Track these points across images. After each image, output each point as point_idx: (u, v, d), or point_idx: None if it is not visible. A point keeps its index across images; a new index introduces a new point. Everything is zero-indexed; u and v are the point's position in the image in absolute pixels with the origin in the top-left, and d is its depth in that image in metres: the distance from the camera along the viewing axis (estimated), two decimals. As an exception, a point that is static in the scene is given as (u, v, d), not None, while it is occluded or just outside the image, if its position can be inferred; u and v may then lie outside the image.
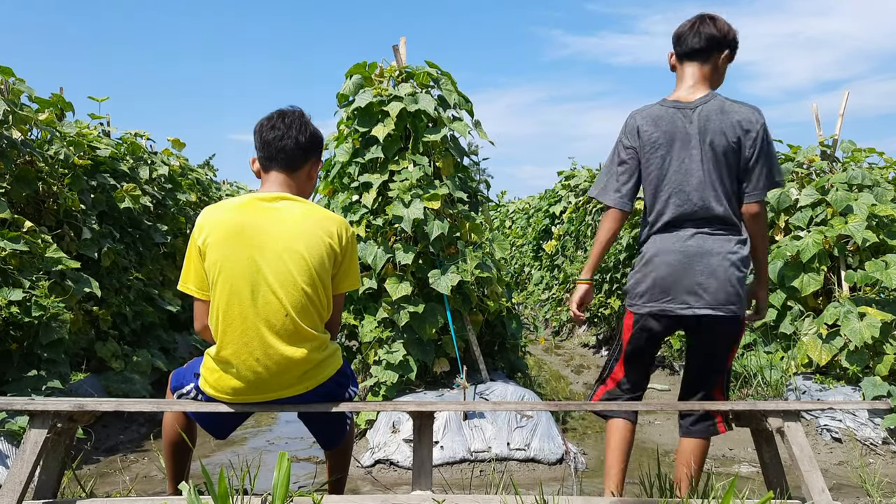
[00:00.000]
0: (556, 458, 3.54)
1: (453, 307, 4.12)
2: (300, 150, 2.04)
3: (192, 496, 1.62)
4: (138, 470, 3.57)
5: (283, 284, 1.89)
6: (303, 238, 1.92)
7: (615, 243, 7.50)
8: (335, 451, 2.30)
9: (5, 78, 4.14)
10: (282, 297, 1.89)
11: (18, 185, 4.09)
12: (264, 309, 1.89)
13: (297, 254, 1.91)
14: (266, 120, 2.07)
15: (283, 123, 2.04)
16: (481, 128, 4.42)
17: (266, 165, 2.05)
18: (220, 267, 1.88)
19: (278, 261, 1.89)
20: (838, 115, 4.98)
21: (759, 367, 4.50)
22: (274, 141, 2.02)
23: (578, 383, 6.07)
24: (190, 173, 7.59)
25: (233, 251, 1.88)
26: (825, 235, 4.47)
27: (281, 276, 1.89)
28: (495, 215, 16.38)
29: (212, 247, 1.89)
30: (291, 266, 1.90)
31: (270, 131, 2.03)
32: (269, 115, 2.08)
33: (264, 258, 1.89)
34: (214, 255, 1.89)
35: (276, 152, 2.02)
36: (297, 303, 1.91)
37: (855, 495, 3.12)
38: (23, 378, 3.59)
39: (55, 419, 1.98)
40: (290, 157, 2.03)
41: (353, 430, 2.36)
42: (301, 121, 2.07)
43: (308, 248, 1.92)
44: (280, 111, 2.09)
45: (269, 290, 1.89)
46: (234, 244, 1.89)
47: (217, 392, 1.99)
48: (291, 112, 2.09)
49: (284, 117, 2.06)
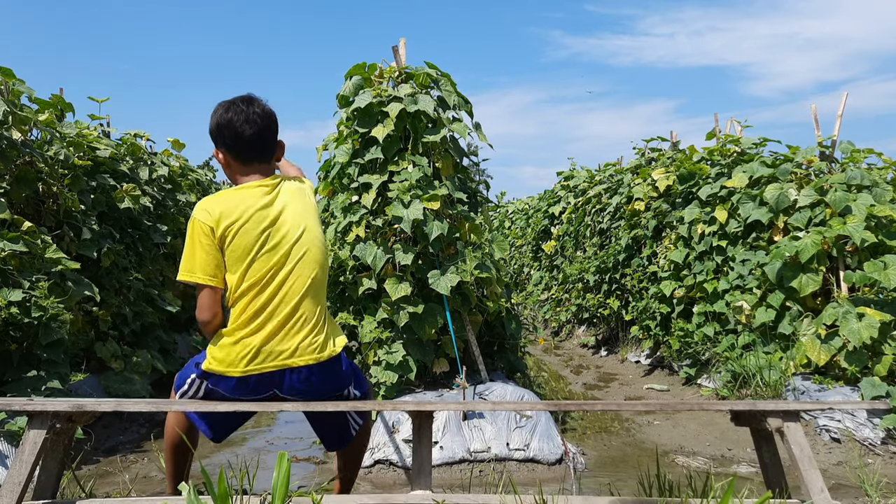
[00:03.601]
0: (555, 458, 3.54)
1: (453, 307, 4.12)
2: (273, 137, 2.13)
3: (192, 496, 1.62)
4: (138, 470, 3.57)
5: (312, 248, 2.06)
6: (303, 200, 2.11)
7: (615, 243, 7.51)
8: (347, 449, 2.29)
9: (5, 79, 4.14)
10: (312, 258, 2.05)
11: (18, 185, 4.09)
12: (301, 274, 2.02)
13: (310, 224, 2.08)
14: (234, 114, 2.03)
15: (258, 116, 2.04)
16: (481, 130, 4.42)
17: (245, 159, 2.08)
18: (251, 249, 1.97)
19: (300, 229, 2.05)
20: (837, 116, 4.99)
21: (758, 367, 4.50)
22: (253, 136, 2.04)
23: (578, 383, 6.07)
24: (190, 174, 7.59)
25: (263, 231, 1.98)
26: (824, 236, 4.47)
27: (309, 242, 2.06)
28: (495, 216, 16.39)
29: (237, 231, 1.96)
30: (311, 225, 2.08)
31: (246, 126, 2.02)
32: (232, 106, 2.04)
33: (292, 231, 2.02)
34: (243, 241, 1.96)
35: (258, 146, 2.07)
36: (321, 261, 2.10)
37: (854, 495, 3.12)
38: (22, 378, 3.59)
39: (54, 419, 1.98)
40: (269, 147, 2.12)
41: (366, 432, 2.35)
42: (268, 109, 2.10)
43: (310, 207, 2.12)
44: (245, 101, 2.06)
45: (301, 260, 2.03)
46: (263, 225, 1.98)
47: (231, 369, 1.98)
48: (256, 101, 2.08)
49: (254, 109, 2.04)
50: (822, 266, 4.52)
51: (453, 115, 4.39)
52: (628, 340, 7.18)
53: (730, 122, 6.55)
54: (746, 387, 4.57)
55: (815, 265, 4.50)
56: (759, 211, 5.12)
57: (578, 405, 2.49)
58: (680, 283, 5.93)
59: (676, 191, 6.38)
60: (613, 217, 8.04)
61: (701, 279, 5.62)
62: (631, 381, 6.11)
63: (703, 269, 5.66)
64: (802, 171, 5.14)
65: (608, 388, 5.92)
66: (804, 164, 5.14)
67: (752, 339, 4.88)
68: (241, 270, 1.96)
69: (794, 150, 5.41)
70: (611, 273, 7.47)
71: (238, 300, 1.99)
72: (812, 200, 4.75)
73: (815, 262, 4.50)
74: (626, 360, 6.96)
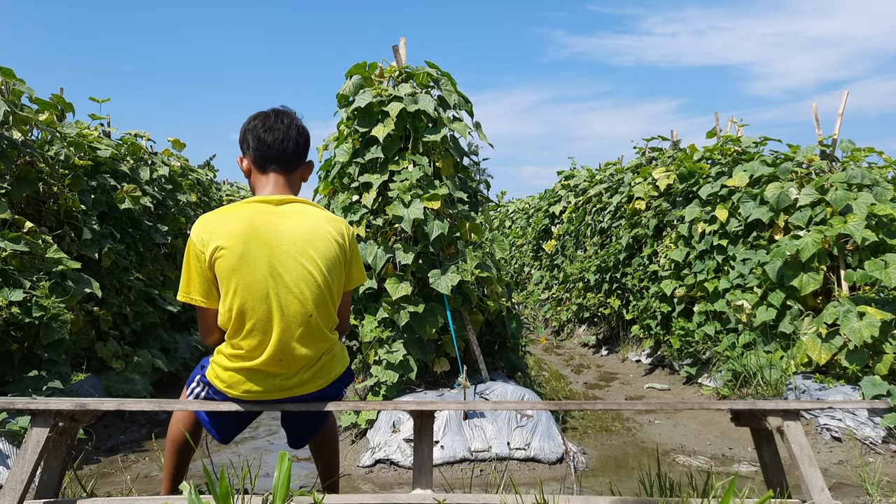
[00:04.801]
0: (556, 457, 3.54)
1: (453, 307, 4.13)
2: (299, 152, 2.04)
3: (193, 496, 1.62)
4: (139, 470, 3.57)
5: (304, 285, 1.90)
6: (315, 238, 1.93)
7: (615, 242, 7.51)
8: (325, 452, 2.29)
9: (6, 79, 4.14)
10: (304, 298, 1.90)
11: (19, 185, 4.10)
12: (287, 311, 1.89)
13: (313, 255, 1.91)
14: (260, 120, 2.02)
15: (283, 125, 2.02)
16: (481, 129, 4.42)
17: (263, 167, 2.02)
18: (238, 273, 1.86)
19: (296, 263, 1.89)
20: (837, 115, 4.99)
21: (759, 366, 4.50)
22: (274, 143, 2.00)
23: (578, 383, 6.07)
24: (190, 174, 7.60)
25: (250, 257, 1.87)
26: (824, 235, 4.47)
27: (301, 278, 1.90)
28: (495, 215, 16.39)
29: (225, 255, 1.86)
30: (310, 267, 1.90)
31: (269, 132, 2.00)
32: (261, 114, 2.04)
33: (282, 262, 1.88)
34: (230, 263, 1.86)
35: (276, 154, 2.00)
36: (318, 302, 1.92)
37: (854, 494, 3.12)
38: (23, 378, 3.60)
39: (57, 418, 1.99)
40: (289, 158, 2.02)
41: (334, 422, 2.35)
42: (297, 122, 2.06)
43: (322, 248, 1.93)
44: (274, 111, 2.06)
45: (290, 292, 1.89)
46: (250, 250, 1.87)
47: (231, 391, 1.98)
48: (286, 113, 2.06)
49: (281, 118, 2.03)
50: (823, 265, 4.52)
51: (454, 114, 4.39)
52: (629, 340, 7.18)
53: (730, 122, 6.55)
54: (747, 386, 4.57)
55: (815, 264, 4.50)
56: (760, 210, 5.12)
57: (579, 405, 2.49)
58: (681, 283, 5.93)
59: (677, 190, 6.38)
60: (614, 216, 8.04)
61: (702, 278, 5.62)
62: (632, 381, 6.11)
63: (704, 268, 5.66)
64: (803, 170, 5.14)
65: (609, 387, 5.92)
66: (805, 163, 5.14)
67: (752, 338, 4.87)
68: (226, 292, 1.89)
69: (794, 149, 5.41)
70: (611, 272, 7.47)
71: (227, 323, 1.93)
72: (813, 199, 4.75)
73: (816, 261, 4.50)
74: (626, 360, 6.96)
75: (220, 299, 1.91)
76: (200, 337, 2.03)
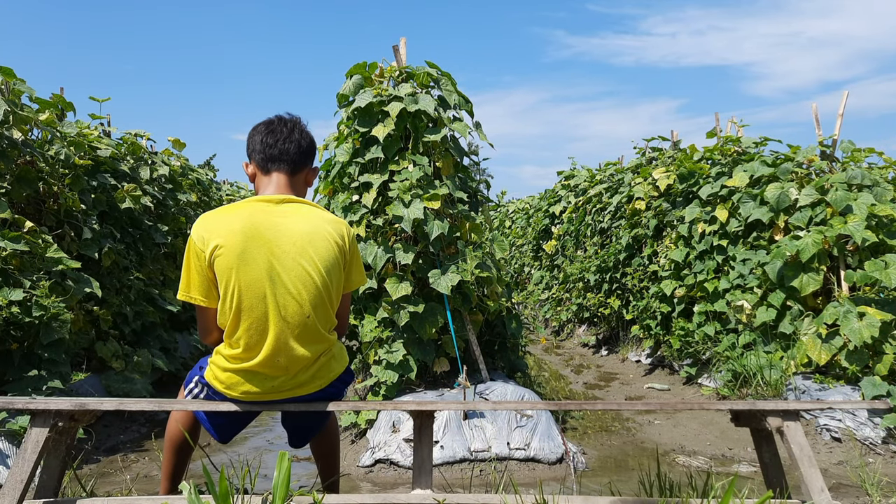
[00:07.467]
0: (555, 457, 3.54)
1: (453, 307, 4.13)
2: (301, 153, 2.06)
3: (193, 496, 1.62)
4: (139, 469, 3.57)
5: (302, 286, 1.90)
6: (315, 239, 1.93)
7: (615, 243, 7.51)
8: (325, 452, 2.29)
9: (6, 79, 4.14)
10: (302, 299, 1.90)
11: (19, 185, 4.10)
12: (285, 311, 1.89)
13: (312, 255, 1.91)
14: (265, 125, 2.07)
15: (286, 128, 2.05)
16: (481, 129, 4.42)
17: (266, 168, 2.04)
18: (237, 272, 1.86)
19: (294, 263, 1.89)
20: (838, 115, 4.99)
21: (759, 366, 4.50)
22: (276, 144, 2.02)
23: (578, 383, 6.07)
24: (190, 173, 7.60)
25: (249, 256, 1.87)
26: (824, 235, 4.47)
27: (299, 279, 1.90)
28: (495, 215, 16.39)
29: (224, 253, 1.86)
30: (309, 268, 1.90)
31: (272, 135, 2.03)
32: (266, 120, 2.09)
33: (280, 261, 1.88)
34: (228, 261, 1.86)
35: (278, 154, 2.02)
36: (316, 304, 1.92)
37: (854, 495, 3.12)
38: (23, 378, 3.60)
39: (57, 418, 1.99)
40: (291, 160, 2.04)
41: (336, 421, 2.36)
42: (301, 126, 2.10)
43: (322, 249, 1.93)
44: (279, 117, 2.10)
45: (288, 292, 1.89)
46: (249, 248, 1.87)
47: (230, 392, 1.98)
48: (291, 118, 2.10)
49: (285, 122, 2.07)
50: (823, 265, 4.52)
51: (454, 114, 4.39)
52: (629, 340, 7.18)
53: (730, 122, 6.55)
54: (747, 386, 4.57)
55: (815, 264, 4.50)
56: (760, 210, 5.12)
57: (579, 405, 2.48)
58: (680, 283, 5.93)
59: (677, 190, 6.38)
60: (614, 216, 8.04)
61: (702, 278, 5.62)
62: (631, 381, 6.11)
63: (704, 269, 5.66)
64: (803, 171, 5.14)
65: (609, 387, 5.92)
66: (805, 164, 5.14)
67: (752, 338, 4.87)
68: (224, 291, 1.89)
69: (794, 149, 5.41)
70: (611, 272, 7.47)
71: (225, 322, 1.93)
72: (813, 200, 4.75)
73: (816, 262, 4.50)
74: (626, 360, 6.96)
75: (220, 298, 1.91)
76: (200, 336, 2.04)
